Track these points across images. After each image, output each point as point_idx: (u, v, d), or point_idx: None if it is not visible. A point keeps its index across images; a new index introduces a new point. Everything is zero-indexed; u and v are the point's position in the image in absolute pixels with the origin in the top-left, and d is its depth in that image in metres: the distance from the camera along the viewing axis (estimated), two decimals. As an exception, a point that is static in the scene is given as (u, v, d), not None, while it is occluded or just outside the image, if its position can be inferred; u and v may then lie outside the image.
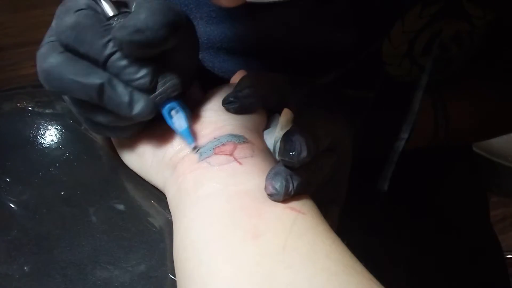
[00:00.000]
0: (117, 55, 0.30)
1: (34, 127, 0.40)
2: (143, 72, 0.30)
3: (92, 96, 0.30)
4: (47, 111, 0.42)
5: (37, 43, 0.33)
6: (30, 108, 0.42)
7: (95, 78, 0.30)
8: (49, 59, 0.30)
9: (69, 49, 0.31)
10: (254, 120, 0.36)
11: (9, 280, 0.29)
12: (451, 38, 0.42)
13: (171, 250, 0.31)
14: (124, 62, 0.30)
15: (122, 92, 0.30)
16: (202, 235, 0.28)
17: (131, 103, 0.31)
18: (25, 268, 0.30)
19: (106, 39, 0.30)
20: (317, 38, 0.43)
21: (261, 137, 0.35)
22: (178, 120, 0.33)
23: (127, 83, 0.31)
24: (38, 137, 0.39)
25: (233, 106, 0.35)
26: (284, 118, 0.36)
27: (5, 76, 1.54)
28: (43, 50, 0.31)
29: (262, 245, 0.26)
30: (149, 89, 0.31)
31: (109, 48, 0.30)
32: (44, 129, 0.40)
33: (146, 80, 0.31)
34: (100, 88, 0.30)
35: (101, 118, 0.32)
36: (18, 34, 1.69)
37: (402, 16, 0.40)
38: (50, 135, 0.40)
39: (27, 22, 1.72)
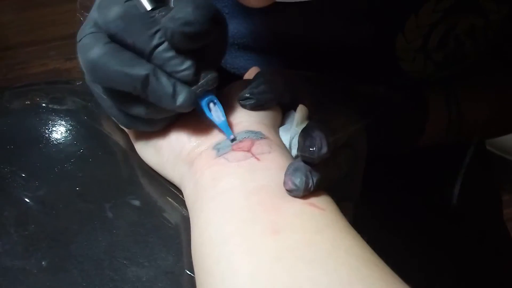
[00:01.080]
0: (163, 46, 0.30)
1: (49, 123, 0.40)
2: (187, 64, 0.31)
3: (136, 87, 0.30)
4: (61, 107, 0.42)
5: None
6: (44, 105, 0.42)
7: (141, 69, 0.30)
8: (95, 49, 0.31)
9: (115, 40, 0.31)
10: (270, 117, 0.36)
11: (26, 275, 0.29)
12: (466, 32, 0.41)
13: (187, 246, 0.31)
14: (169, 54, 0.31)
15: (166, 83, 0.31)
16: (221, 230, 0.28)
17: (174, 95, 0.31)
18: (43, 263, 0.30)
19: (154, 30, 0.30)
20: (333, 34, 0.42)
21: (277, 133, 0.35)
22: (216, 112, 0.33)
23: (171, 74, 0.31)
24: (53, 133, 0.39)
25: (249, 102, 0.35)
26: (299, 115, 0.36)
27: (14, 74, 1.54)
28: (86, 40, 0.31)
29: (281, 240, 0.26)
30: (191, 81, 0.31)
31: (156, 39, 0.30)
32: (59, 125, 0.40)
33: (190, 72, 0.31)
34: (145, 79, 0.30)
35: (139, 110, 0.33)
36: (27, 32, 1.70)
37: (416, 10, 0.40)
38: (65, 131, 0.40)
39: (36, 20, 1.73)
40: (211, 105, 0.33)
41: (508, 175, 0.97)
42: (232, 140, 0.32)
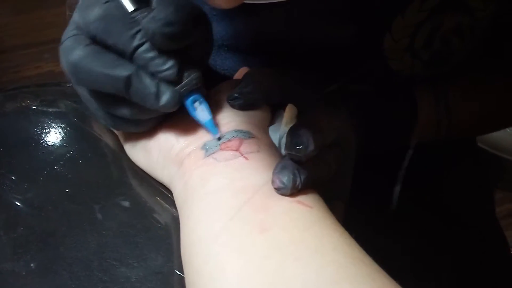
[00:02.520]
0: (145, 46, 0.30)
1: (39, 126, 0.40)
2: (169, 63, 0.31)
3: (119, 88, 0.30)
4: (51, 109, 0.42)
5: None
6: (34, 107, 0.42)
7: (123, 70, 0.30)
8: (76, 51, 0.31)
9: (96, 41, 0.31)
10: (259, 116, 0.36)
11: (15, 277, 0.29)
12: (452, 31, 0.42)
13: (177, 246, 0.31)
14: (151, 54, 0.31)
15: (149, 83, 0.31)
16: (209, 230, 0.28)
17: (157, 95, 0.31)
18: (31, 265, 0.30)
19: (134, 30, 0.30)
20: (317, 33, 0.43)
21: (266, 132, 0.35)
22: (201, 111, 0.33)
23: (154, 74, 0.31)
24: (43, 136, 0.39)
25: (238, 102, 0.35)
26: (288, 114, 0.36)
27: (8, 78, 1.54)
28: (67, 43, 0.31)
29: (270, 239, 0.26)
30: (174, 81, 0.31)
31: (137, 40, 0.30)
32: (49, 128, 0.40)
33: (173, 71, 0.31)
34: (128, 80, 0.30)
35: (124, 111, 0.33)
36: (21, 35, 1.69)
37: (403, 10, 0.40)
38: (55, 134, 0.40)
39: (30, 23, 1.72)
40: (196, 104, 0.33)
41: (500, 172, 0.97)
42: (219, 139, 0.32)
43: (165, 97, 0.31)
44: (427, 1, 0.39)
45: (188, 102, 0.33)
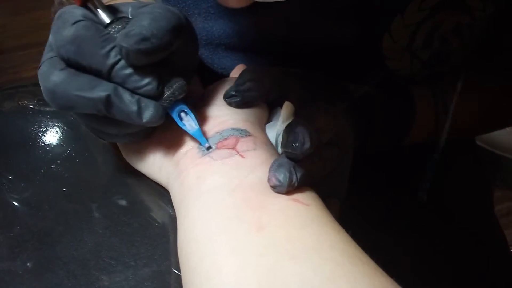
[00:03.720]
0: (121, 63, 0.29)
1: (36, 125, 0.40)
2: (148, 78, 0.30)
3: (100, 109, 0.30)
4: (48, 109, 0.42)
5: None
6: (32, 106, 0.42)
7: (101, 90, 0.29)
8: (52, 77, 0.30)
9: (70, 64, 0.30)
10: (256, 114, 0.36)
11: (12, 276, 0.29)
12: (451, 30, 0.41)
13: (174, 245, 0.31)
14: (128, 70, 0.30)
15: (129, 101, 0.30)
16: (206, 229, 0.28)
17: (140, 111, 0.30)
18: (28, 264, 0.30)
19: (107, 48, 0.29)
20: (318, 33, 0.42)
21: (263, 130, 0.35)
22: (188, 122, 0.32)
23: (134, 91, 0.30)
24: (40, 135, 0.39)
25: (234, 100, 0.35)
26: (285, 111, 0.36)
27: (6, 78, 1.54)
28: (44, 68, 0.31)
29: (266, 237, 0.26)
30: (156, 94, 0.30)
31: (112, 57, 0.29)
32: (46, 127, 0.40)
33: (152, 86, 0.30)
34: (107, 100, 0.29)
35: (111, 129, 0.32)
36: (19, 36, 1.69)
37: (402, 9, 0.40)
38: (52, 133, 0.40)
39: (28, 24, 1.72)
40: (183, 114, 0.32)
41: (499, 171, 0.97)
42: (208, 148, 0.32)
43: (148, 113, 0.30)
44: (426, 1, 0.39)
45: (174, 113, 0.32)
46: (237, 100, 0.35)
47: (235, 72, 0.41)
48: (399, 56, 0.42)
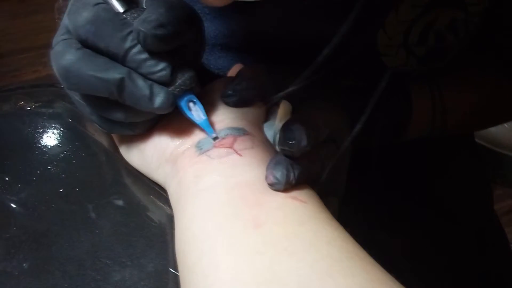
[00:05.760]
0: (137, 48, 0.30)
1: (32, 126, 0.40)
2: (162, 65, 0.30)
3: (112, 92, 0.30)
4: (45, 110, 0.42)
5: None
6: (29, 108, 0.42)
7: (115, 72, 0.30)
8: (67, 55, 0.30)
9: (87, 45, 0.30)
10: (253, 113, 0.35)
11: (8, 277, 0.29)
12: (446, 26, 0.41)
13: (171, 244, 0.31)
14: (144, 56, 0.30)
15: (142, 85, 0.30)
16: (203, 227, 0.27)
17: (151, 96, 0.30)
18: (24, 265, 0.30)
19: (126, 32, 0.30)
20: (310, 31, 0.42)
21: (261, 129, 0.35)
22: (196, 112, 0.33)
23: (147, 76, 0.30)
24: (37, 136, 0.39)
25: (232, 99, 0.35)
26: (282, 110, 0.36)
27: (6, 82, 1.54)
28: (58, 48, 0.31)
29: (263, 234, 0.26)
30: (168, 82, 0.31)
31: (129, 41, 0.30)
32: (42, 128, 0.40)
33: (166, 73, 0.30)
34: (121, 83, 0.30)
35: (118, 115, 0.32)
36: (19, 40, 1.69)
37: (396, 5, 0.40)
38: (48, 134, 0.39)
39: (28, 28, 1.72)
40: (191, 104, 0.33)
41: (499, 168, 0.96)
42: (214, 139, 0.32)
43: (159, 99, 0.30)
44: None
45: (183, 102, 0.32)
46: (235, 100, 0.35)
47: (232, 72, 0.41)
48: (395, 53, 0.42)
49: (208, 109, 0.35)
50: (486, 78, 0.48)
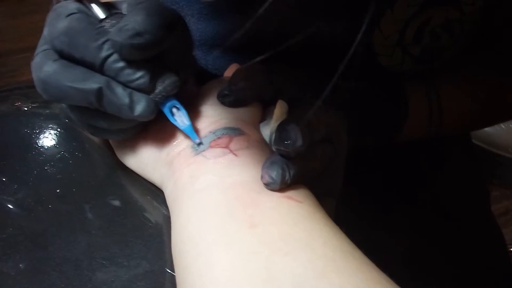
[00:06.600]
0: (114, 57, 0.30)
1: (29, 127, 0.40)
2: (141, 72, 0.30)
3: (91, 101, 0.30)
4: (42, 111, 0.42)
5: (36, 49, 0.33)
6: (26, 108, 0.42)
7: (93, 82, 0.29)
8: (45, 67, 0.30)
9: (64, 56, 0.30)
10: (249, 113, 0.35)
11: (4, 278, 0.29)
12: (442, 26, 0.41)
13: (168, 245, 0.31)
14: (121, 64, 0.30)
15: (121, 94, 0.30)
16: (199, 227, 0.27)
17: (131, 105, 0.30)
18: (21, 265, 0.30)
19: (101, 41, 0.29)
20: (308, 31, 0.42)
21: (257, 129, 0.35)
22: (180, 117, 0.32)
23: (126, 84, 0.30)
24: (33, 136, 0.39)
25: (228, 99, 0.35)
26: (279, 110, 0.36)
27: (4, 82, 1.54)
28: (37, 59, 0.31)
29: (259, 234, 0.26)
30: (148, 89, 0.31)
31: (105, 51, 0.29)
32: (39, 128, 0.40)
33: (145, 80, 0.30)
34: (99, 92, 0.29)
35: (102, 123, 0.32)
36: (17, 40, 1.69)
37: (392, 5, 0.40)
38: (45, 134, 0.39)
39: (26, 28, 1.72)
40: (174, 110, 0.32)
41: (496, 169, 0.96)
42: (199, 144, 0.32)
43: (139, 107, 0.30)
44: None
45: (165, 109, 0.32)
46: (231, 100, 0.35)
47: (229, 72, 0.41)
48: (391, 52, 0.42)
49: (204, 109, 0.35)
50: (482, 78, 0.48)
